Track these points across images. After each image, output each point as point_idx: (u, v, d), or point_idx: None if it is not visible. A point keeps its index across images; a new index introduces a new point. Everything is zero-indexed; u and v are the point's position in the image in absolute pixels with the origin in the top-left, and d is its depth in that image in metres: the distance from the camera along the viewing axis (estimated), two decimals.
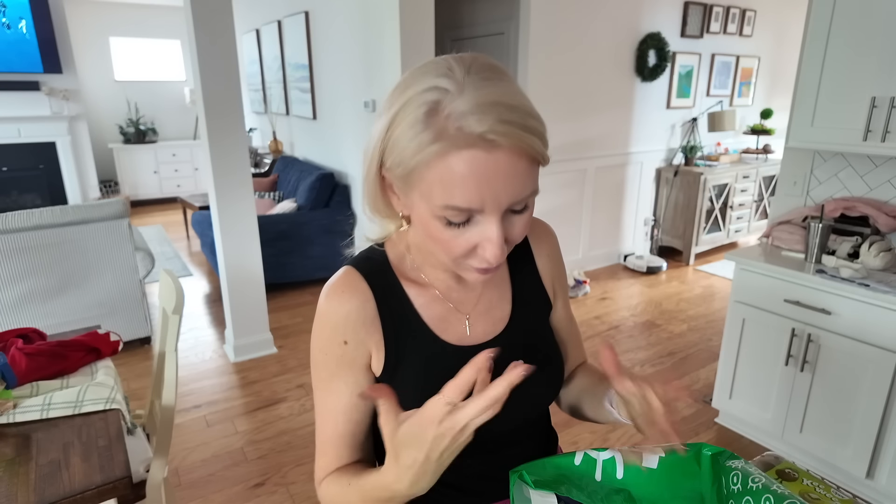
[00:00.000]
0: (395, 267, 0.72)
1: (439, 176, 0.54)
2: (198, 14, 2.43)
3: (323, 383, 0.70)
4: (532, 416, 0.76)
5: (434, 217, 0.57)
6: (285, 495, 1.96)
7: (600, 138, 4.05)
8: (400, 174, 0.58)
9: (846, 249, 1.97)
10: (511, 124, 0.52)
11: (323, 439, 0.71)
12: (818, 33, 1.92)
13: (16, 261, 2.55)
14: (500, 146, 0.52)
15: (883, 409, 1.78)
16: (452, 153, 0.52)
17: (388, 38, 2.97)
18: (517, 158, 0.53)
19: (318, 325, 0.69)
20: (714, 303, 3.73)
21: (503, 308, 0.75)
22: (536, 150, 0.54)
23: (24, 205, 5.59)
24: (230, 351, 2.96)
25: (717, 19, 4.38)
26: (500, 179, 0.53)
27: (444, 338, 0.71)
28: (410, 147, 0.54)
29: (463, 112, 0.52)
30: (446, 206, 0.55)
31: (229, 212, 2.72)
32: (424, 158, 0.54)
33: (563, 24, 3.59)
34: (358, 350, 0.68)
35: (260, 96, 5.86)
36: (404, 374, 0.69)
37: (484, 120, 0.51)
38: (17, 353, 1.33)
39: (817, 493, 0.78)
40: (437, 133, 0.53)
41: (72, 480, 1.02)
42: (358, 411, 0.70)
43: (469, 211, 0.55)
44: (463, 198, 0.54)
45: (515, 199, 0.56)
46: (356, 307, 0.68)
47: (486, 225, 0.56)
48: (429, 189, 0.55)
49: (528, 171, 0.55)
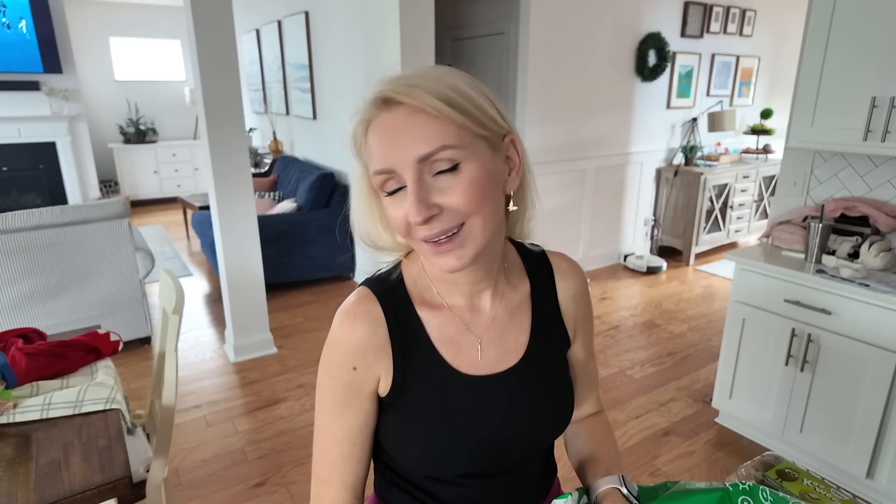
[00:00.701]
0: (410, 288, 0.71)
1: (368, 148, 0.62)
2: (198, 14, 2.43)
3: (328, 408, 0.70)
4: (539, 447, 0.76)
5: (378, 194, 0.64)
6: (285, 495, 1.96)
7: (600, 138, 4.05)
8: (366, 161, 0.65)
9: (846, 249, 1.97)
10: (407, 85, 0.57)
11: (326, 465, 0.71)
12: (818, 33, 1.92)
13: (16, 261, 2.55)
14: (399, 104, 0.58)
15: (883, 409, 1.78)
16: (368, 127, 0.61)
17: (388, 38, 2.97)
18: (414, 112, 0.58)
19: (330, 350, 0.69)
20: (714, 303, 3.73)
21: (518, 338, 0.73)
22: (433, 106, 0.57)
23: (25, 205, 5.59)
24: (230, 351, 2.96)
25: (718, 19, 4.38)
26: (401, 134, 0.58)
27: (454, 364, 0.70)
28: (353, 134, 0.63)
29: (370, 90, 0.60)
30: (374, 174, 0.61)
31: (229, 212, 2.72)
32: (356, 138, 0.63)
33: (564, 23, 3.59)
34: (366, 376, 0.68)
35: (260, 96, 5.86)
36: (410, 397, 0.69)
37: (380, 84, 0.59)
38: (17, 352, 1.33)
39: (817, 493, 0.78)
40: (359, 114, 0.62)
41: (72, 480, 1.02)
42: (362, 435, 0.70)
43: (387, 172, 0.59)
44: (379, 160, 0.60)
45: (421, 153, 0.57)
46: (367, 333, 0.67)
47: (408, 187, 0.59)
48: (368, 164, 0.63)
49: (429, 125, 0.57)
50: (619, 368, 2.84)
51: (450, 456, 0.68)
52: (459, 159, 0.58)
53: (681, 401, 2.55)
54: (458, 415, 0.68)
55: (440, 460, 0.69)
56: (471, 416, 0.69)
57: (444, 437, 0.68)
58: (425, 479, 0.72)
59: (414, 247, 0.65)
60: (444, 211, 0.59)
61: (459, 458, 0.69)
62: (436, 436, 0.68)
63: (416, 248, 0.64)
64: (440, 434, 0.68)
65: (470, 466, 0.70)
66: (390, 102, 0.58)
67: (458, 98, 0.58)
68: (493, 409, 0.69)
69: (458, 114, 0.57)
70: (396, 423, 0.69)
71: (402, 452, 0.70)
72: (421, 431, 0.68)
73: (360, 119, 0.62)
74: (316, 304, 3.70)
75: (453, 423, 0.68)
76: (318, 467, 0.72)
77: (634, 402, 2.54)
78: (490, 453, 0.70)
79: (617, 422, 2.38)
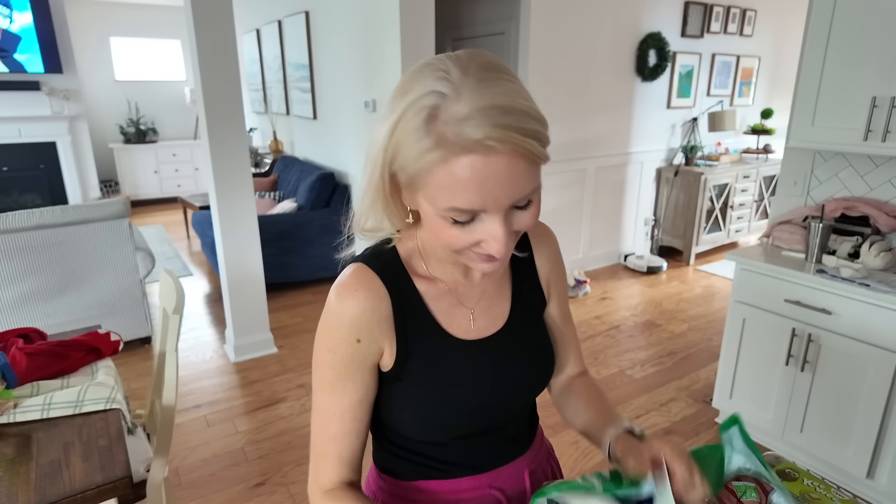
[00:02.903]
0: (405, 262, 0.73)
1: (441, 181, 0.55)
2: (198, 14, 2.43)
3: (328, 382, 0.70)
4: (526, 402, 0.81)
5: (439, 217, 0.59)
6: (286, 495, 1.96)
7: (600, 138, 4.05)
8: (405, 179, 0.60)
9: (846, 249, 1.97)
10: (508, 129, 0.52)
11: (325, 439, 0.72)
12: (818, 33, 1.92)
13: (16, 261, 2.55)
14: (498, 151, 0.53)
15: (883, 410, 1.77)
16: (452, 159, 0.54)
17: (389, 38, 2.97)
18: (515, 161, 0.54)
19: (328, 324, 0.69)
20: (714, 303, 3.73)
21: (503, 305, 0.78)
22: (534, 153, 0.55)
23: (25, 204, 5.60)
24: (230, 351, 2.96)
25: (718, 19, 4.38)
26: (499, 182, 0.55)
27: (451, 331, 0.73)
28: (412, 153, 0.56)
29: (460, 117, 0.53)
30: (450, 209, 0.57)
31: (230, 212, 2.73)
32: (425, 165, 0.55)
33: (564, 23, 3.59)
34: (370, 348, 0.69)
35: (260, 96, 5.86)
36: (412, 367, 0.71)
37: (481, 126, 0.52)
38: (17, 352, 1.33)
39: (817, 493, 0.78)
40: (436, 140, 0.54)
41: (72, 480, 1.02)
42: (362, 409, 0.71)
43: (472, 212, 0.57)
44: (465, 200, 0.56)
45: (515, 199, 0.57)
46: (371, 305, 0.68)
47: (489, 223, 0.58)
48: (432, 193, 0.57)
49: (526, 172, 0.56)
50: (619, 368, 2.84)
51: (449, 419, 0.72)
52: (535, 192, 0.60)
53: (681, 401, 2.55)
54: (456, 379, 0.72)
55: (441, 424, 0.72)
56: (467, 380, 0.73)
57: (445, 401, 0.71)
58: (423, 444, 0.76)
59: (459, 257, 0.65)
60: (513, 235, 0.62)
61: (458, 421, 0.73)
62: (437, 402, 0.71)
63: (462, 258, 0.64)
64: (441, 399, 0.71)
65: (466, 427, 0.74)
66: (490, 147, 0.53)
67: (545, 136, 0.56)
68: (486, 371, 0.74)
69: (545, 155, 0.57)
70: (399, 394, 0.72)
71: (403, 421, 0.73)
72: (422, 399, 0.71)
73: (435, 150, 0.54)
74: (316, 303, 3.70)
75: (453, 388, 0.72)
76: (317, 441, 0.73)
77: (635, 402, 2.54)
78: (484, 412, 0.74)
79: None
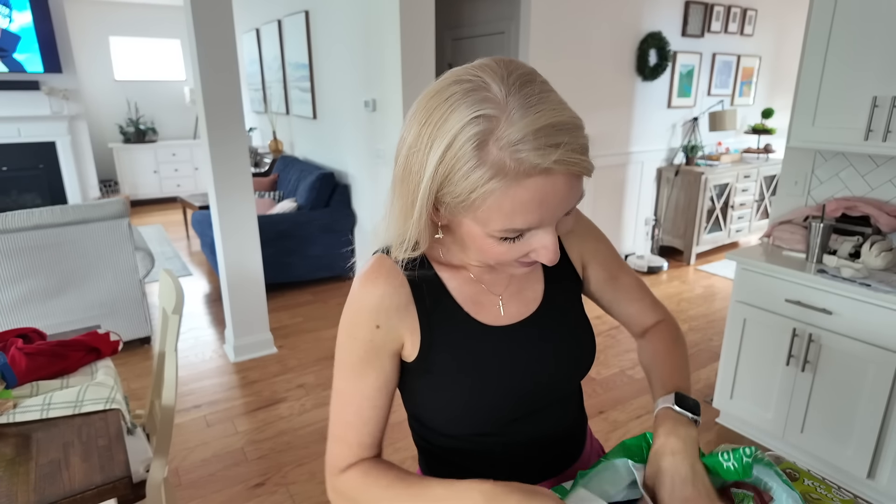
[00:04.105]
0: (428, 253, 0.72)
1: (500, 205, 0.55)
2: (198, 13, 2.42)
3: (348, 368, 0.70)
4: (565, 391, 0.78)
5: (487, 237, 0.59)
6: (285, 495, 1.96)
7: (601, 138, 4.04)
8: (452, 203, 0.58)
9: (847, 249, 1.97)
10: (564, 148, 0.52)
11: (342, 425, 0.71)
12: (819, 33, 1.91)
13: (16, 261, 2.55)
14: (558, 172, 0.53)
15: (884, 410, 1.77)
16: (513, 186, 0.53)
17: (389, 38, 2.97)
18: (575, 179, 0.55)
19: (350, 310, 0.70)
20: (715, 303, 3.72)
21: (535, 289, 0.76)
22: (589, 169, 0.55)
23: (24, 204, 5.59)
24: (230, 351, 2.96)
25: (718, 19, 4.38)
26: (557, 199, 0.55)
27: (479, 318, 0.72)
28: (467, 184, 0.54)
29: (516, 142, 0.52)
30: (505, 230, 0.57)
31: (229, 211, 2.72)
32: (483, 194, 0.54)
33: (564, 23, 3.58)
34: (389, 335, 0.69)
35: (260, 96, 5.86)
36: (438, 357, 0.70)
37: (538, 149, 0.51)
38: (16, 352, 1.33)
39: (818, 493, 0.77)
40: (494, 168, 0.53)
41: (72, 480, 1.02)
42: (382, 397, 0.71)
43: (528, 230, 0.58)
44: (523, 221, 0.56)
45: (567, 209, 0.59)
46: (390, 292, 0.68)
47: (542, 236, 0.59)
48: (485, 216, 0.56)
49: (580, 183, 0.57)
50: (619, 368, 2.84)
51: (481, 408, 0.71)
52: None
53: None
54: (486, 366, 0.71)
55: (473, 415, 0.71)
56: (499, 366, 0.71)
57: (476, 390, 0.70)
58: (457, 439, 0.74)
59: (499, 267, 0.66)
60: None
61: (490, 410, 0.71)
62: (467, 390, 0.70)
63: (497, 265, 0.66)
64: (472, 388, 0.70)
65: (500, 416, 0.72)
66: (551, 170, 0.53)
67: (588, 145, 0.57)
68: (519, 357, 0.72)
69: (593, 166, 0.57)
70: (427, 386, 0.71)
71: (435, 414, 0.72)
72: (452, 389, 0.70)
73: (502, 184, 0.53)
74: (316, 303, 3.70)
75: (483, 376, 0.70)
76: (335, 425, 0.72)
77: (635, 402, 2.54)
78: (518, 400, 0.72)
79: (618, 422, 2.38)
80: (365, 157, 3.74)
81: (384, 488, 0.65)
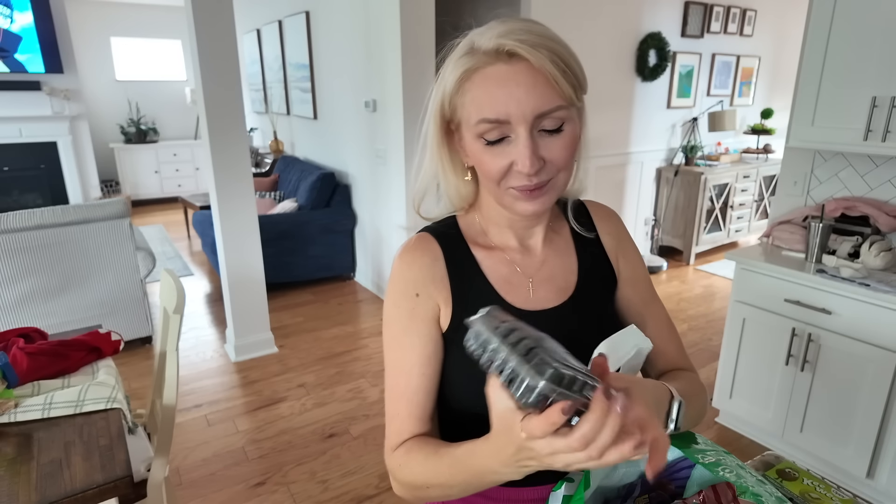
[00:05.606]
0: (465, 232, 0.77)
1: (472, 96, 0.63)
2: (199, 14, 2.43)
3: (395, 340, 0.73)
4: None
5: (475, 139, 0.65)
6: (286, 495, 1.96)
7: (600, 138, 4.04)
8: (453, 117, 0.67)
9: (846, 249, 1.97)
10: (531, 37, 0.60)
11: (395, 398, 0.72)
12: (818, 33, 1.92)
13: (17, 260, 2.56)
14: (519, 58, 0.60)
15: (883, 409, 1.78)
16: (479, 71, 0.62)
17: (389, 39, 2.97)
18: (535, 71, 0.60)
19: (392, 281, 0.74)
20: (714, 302, 3.73)
21: (567, 279, 0.78)
22: (549, 70, 0.60)
23: (26, 204, 5.60)
24: (231, 350, 2.96)
25: (718, 19, 4.38)
26: (520, 89, 0.60)
27: (509, 299, 0.74)
28: (451, 81, 0.64)
29: (486, 39, 0.62)
30: (479, 121, 0.62)
31: (230, 211, 2.73)
32: (463, 90, 0.63)
33: (564, 23, 3.58)
34: (428, 303, 0.72)
35: (261, 96, 5.86)
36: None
37: (505, 37, 0.60)
38: (18, 352, 1.33)
39: (817, 492, 0.78)
40: (467, 63, 0.63)
41: (73, 479, 1.02)
42: (430, 365, 0.72)
43: (498, 122, 0.62)
44: (491, 108, 0.61)
45: (539, 110, 0.61)
46: (427, 264, 0.73)
47: (517, 140, 0.62)
48: (468, 113, 0.64)
49: (547, 85, 0.61)
50: None
51: None
52: (565, 120, 0.64)
53: None
54: None
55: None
56: None
57: None
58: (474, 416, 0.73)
59: (494, 193, 0.69)
60: (546, 164, 0.65)
61: None
62: None
63: (499, 194, 0.68)
64: None
65: None
66: (512, 56, 0.60)
67: (573, 69, 0.63)
68: None
69: (569, 86, 0.62)
70: (456, 360, 0.72)
71: (461, 391, 0.73)
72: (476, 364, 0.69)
73: (468, 67, 0.62)
74: (316, 303, 3.70)
75: None
76: (389, 403, 0.73)
77: None
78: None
79: None
80: (365, 158, 3.74)
81: (421, 463, 0.67)
